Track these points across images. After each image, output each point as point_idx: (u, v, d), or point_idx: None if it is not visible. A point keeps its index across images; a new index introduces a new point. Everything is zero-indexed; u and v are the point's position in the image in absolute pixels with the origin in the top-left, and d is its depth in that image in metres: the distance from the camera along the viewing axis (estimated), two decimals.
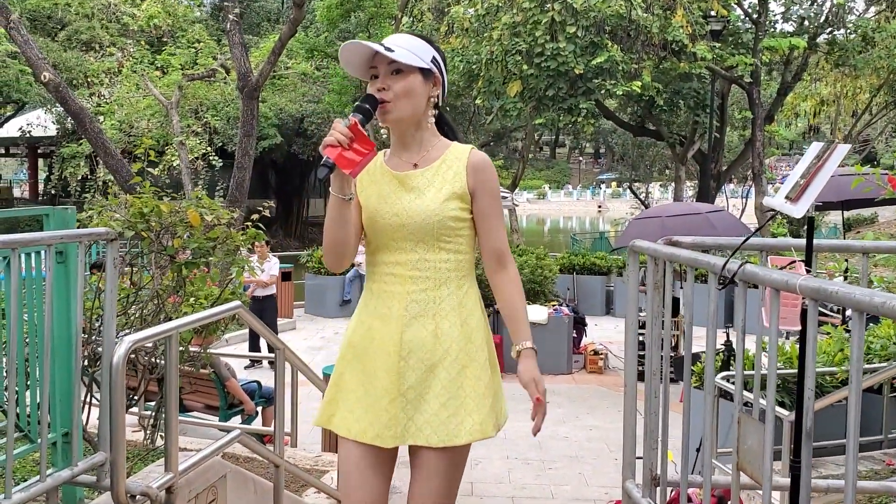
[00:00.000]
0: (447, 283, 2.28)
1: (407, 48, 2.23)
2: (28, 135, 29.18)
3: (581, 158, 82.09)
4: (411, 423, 2.22)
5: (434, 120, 2.36)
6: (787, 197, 2.33)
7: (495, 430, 2.33)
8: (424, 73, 2.26)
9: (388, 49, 2.19)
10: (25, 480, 2.95)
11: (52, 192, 29.00)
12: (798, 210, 2.26)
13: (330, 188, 2.16)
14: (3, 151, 39.00)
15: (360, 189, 2.35)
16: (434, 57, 2.30)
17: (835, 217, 23.80)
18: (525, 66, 15.07)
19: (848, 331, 6.26)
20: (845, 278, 9.99)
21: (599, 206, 64.33)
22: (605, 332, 12.92)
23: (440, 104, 2.36)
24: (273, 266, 10.78)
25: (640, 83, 15.30)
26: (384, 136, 2.38)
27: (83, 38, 24.19)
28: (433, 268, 2.27)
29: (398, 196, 2.27)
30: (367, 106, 2.18)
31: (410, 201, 2.26)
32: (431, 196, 2.25)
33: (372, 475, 2.28)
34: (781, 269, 1.90)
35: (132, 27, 17.83)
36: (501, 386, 2.47)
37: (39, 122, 28.16)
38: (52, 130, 27.58)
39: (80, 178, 23.64)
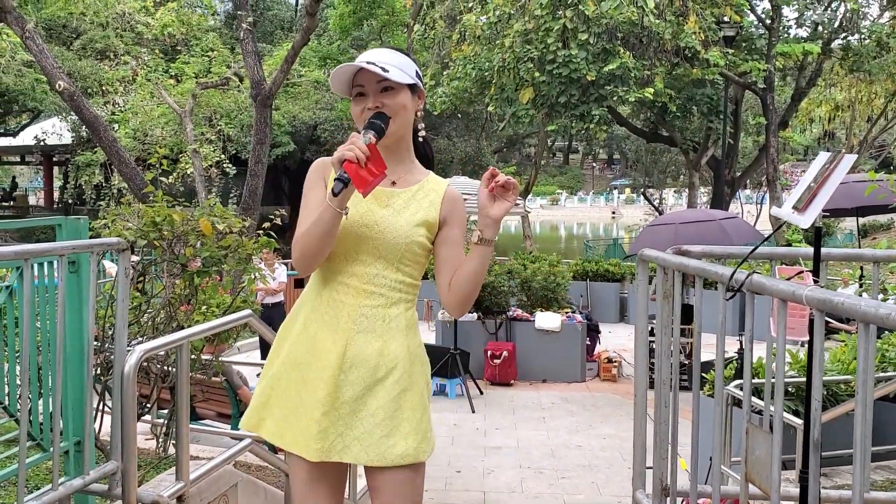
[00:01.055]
0: (398, 303, 2.24)
1: (397, 66, 2.21)
2: (43, 143, 29.42)
3: (594, 164, 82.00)
4: (339, 440, 2.17)
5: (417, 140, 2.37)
6: (794, 207, 2.32)
7: (426, 456, 2.25)
8: (412, 87, 2.26)
9: (384, 69, 2.16)
10: (38, 489, 2.97)
11: (68, 200, 29.23)
12: (805, 220, 2.25)
13: (328, 199, 2.09)
14: (18, 159, 39.40)
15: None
16: (416, 71, 2.29)
17: (850, 223, 23.66)
18: (537, 73, 15.09)
19: None
20: (860, 285, 9.93)
21: (613, 212, 64.23)
22: (618, 340, 12.87)
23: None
24: (281, 274, 10.82)
25: (652, 90, 15.29)
26: None
27: (98, 47, 24.40)
28: (388, 286, 2.23)
29: (372, 209, 2.23)
30: (381, 124, 2.16)
31: (384, 217, 2.22)
32: (406, 218, 2.23)
33: (320, 488, 2.24)
34: (789, 279, 1.89)
35: (146, 36, 17.99)
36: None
37: (55, 130, 28.41)
38: (67, 139, 27.80)
39: (94, 185, 23.84)
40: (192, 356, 4.18)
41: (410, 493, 2.22)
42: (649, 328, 3.59)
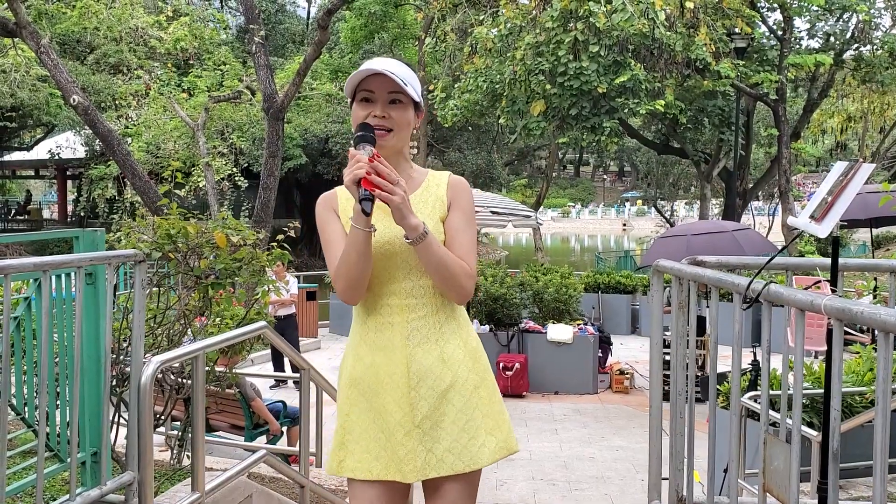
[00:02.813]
0: (444, 306, 2.24)
1: (410, 82, 2.20)
2: (57, 157, 29.66)
3: (605, 176, 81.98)
4: (431, 455, 2.16)
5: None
6: (811, 216, 2.32)
7: (517, 444, 2.28)
8: (416, 105, 2.26)
9: (404, 83, 2.16)
10: (55, 499, 2.99)
11: (81, 213, 29.41)
12: (822, 230, 2.24)
13: (354, 223, 2.08)
14: (32, 173, 39.69)
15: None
16: (419, 91, 2.28)
17: (864, 234, 23.55)
18: (548, 86, 15.11)
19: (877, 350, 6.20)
20: (875, 296, 9.87)
21: (624, 224, 64.11)
22: (630, 352, 12.83)
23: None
24: (293, 286, 10.87)
25: (662, 102, 15.28)
26: None
27: (111, 62, 24.59)
28: (429, 293, 2.22)
29: (388, 225, 2.19)
30: (370, 134, 2.14)
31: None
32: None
33: None
34: (806, 288, 1.89)
35: (159, 50, 18.09)
36: None
37: (68, 144, 28.63)
38: (80, 152, 28.02)
39: (108, 199, 23.98)
40: (206, 368, 4.20)
41: (471, 495, 2.23)
42: (663, 340, 3.58)
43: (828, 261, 2.44)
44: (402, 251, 2.20)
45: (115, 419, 3.99)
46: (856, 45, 18.34)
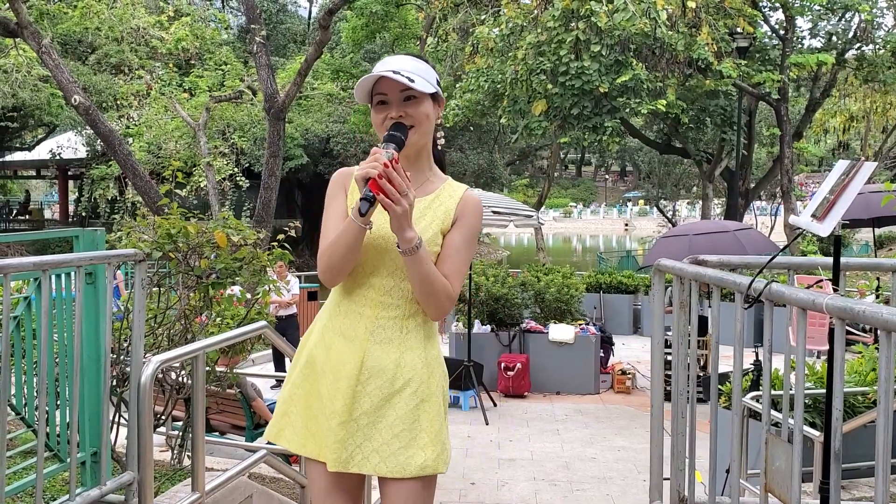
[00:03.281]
0: (416, 315, 2.23)
1: (419, 74, 2.18)
2: (59, 157, 29.67)
3: (607, 176, 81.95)
4: (358, 451, 2.17)
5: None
6: (813, 215, 2.31)
7: (445, 467, 2.23)
8: (433, 96, 2.24)
9: (410, 79, 2.14)
10: (55, 499, 2.98)
11: (82, 213, 29.43)
12: (824, 228, 2.23)
13: (352, 216, 2.09)
14: (34, 173, 39.73)
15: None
16: (436, 78, 2.27)
17: (866, 234, 23.51)
18: (550, 85, 15.10)
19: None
20: (877, 296, 9.86)
21: (626, 224, 64.10)
22: (632, 352, 12.82)
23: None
24: (294, 286, 10.88)
25: (664, 101, 15.27)
26: None
27: (112, 62, 24.60)
28: (405, 297, 2.22)
29: (387, 219, 2.16)
30: (401, 136, 2.13)
31: None
32: (420, 229, 2.18)
33: (338, 498, 2.24)
34: (808, 287, 1.88)
35: (161, 50, 18.10)
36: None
37: (70, 144, 28.64)
38: (82, 153, 28.02)
39: (109, 199, 23.99)
40: (207, 368, 4.19)
41: (419, 501, 2.20)
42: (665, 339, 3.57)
43: (830, 260, 2.42)
44: (392, 250, 2.19)
45: (116, 419, 3.99)
46: (858, 45, 18.33)
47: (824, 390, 4.76)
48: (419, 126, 2.19)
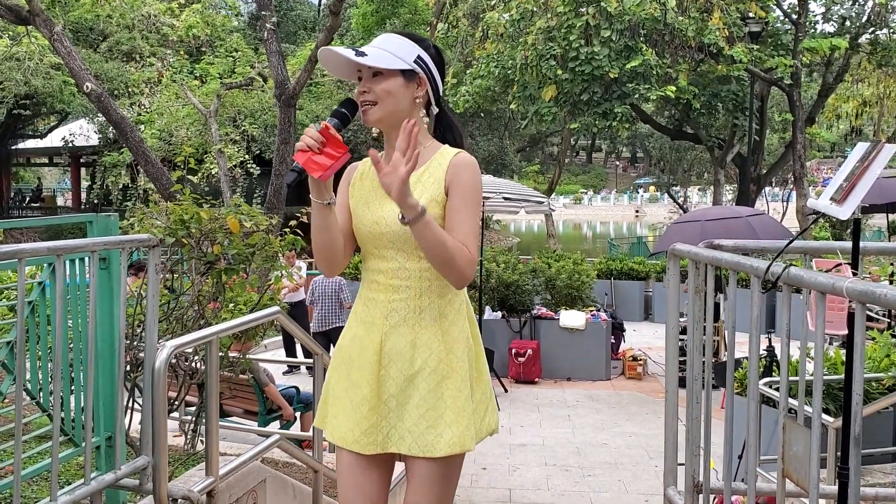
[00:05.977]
0: (428, 292, 2.22)
1: (385, 49, 2.18)
2: (71, 144, 29.74)
3: (618, 163, 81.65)
4: (394, 431, 2.19)
5: (431, 120, 2.30)
6: (832, 198, 2.28)
7: (474, 443, 2.22)
8: (406, 74, 2.20)
9: (360, 54, 2.14)
10: (70, 484, 3.00)
11: (95, 200, 29.51)
12: (844, 212, 2.21)
13: (310, 194, 2.13)
14: (46, 161, 39.87)
15: (350, 194, 2.33)
16: (419, 56, 2.21)
17: (879, 220, 23.34)
18: (560, 71, 15.04)
19: (894, 335, 6.13)
20: (891, 282, 9.80)
21: (637, 211, 63.89)
22: (643, 338, 12.80)
23: (434, 103, 2.28)
24: (302, 271, 10.99)
25: (674, 87, 15.18)
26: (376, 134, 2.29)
27: (124, 49, 24.62)
28: (414, 276, 2.21)
29: (380, 203, 2.22)
30: (344, 110, 2.16)
31: (391, 209, 2.16)
32: None
33: (364, 479, 2.26)
34: (827, 272, 1.86)
35: (171, 37, 18.09)
36: (490, 396, 2.35)
37: (82, 131, 28.70)
38: (94, 140, 28.07)
39: (121, 186, 24.05)
40: (220, 353, 4.20)
41: (443, 485, 2.21)
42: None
43: (848, 244, 2.40)
44: (389, 232, 2.20)
45: (130, 404, 4.01)
46: (871, 29, 18.15)
47: (839, 376, 4.73)
48: (382, 102, 2.18)
